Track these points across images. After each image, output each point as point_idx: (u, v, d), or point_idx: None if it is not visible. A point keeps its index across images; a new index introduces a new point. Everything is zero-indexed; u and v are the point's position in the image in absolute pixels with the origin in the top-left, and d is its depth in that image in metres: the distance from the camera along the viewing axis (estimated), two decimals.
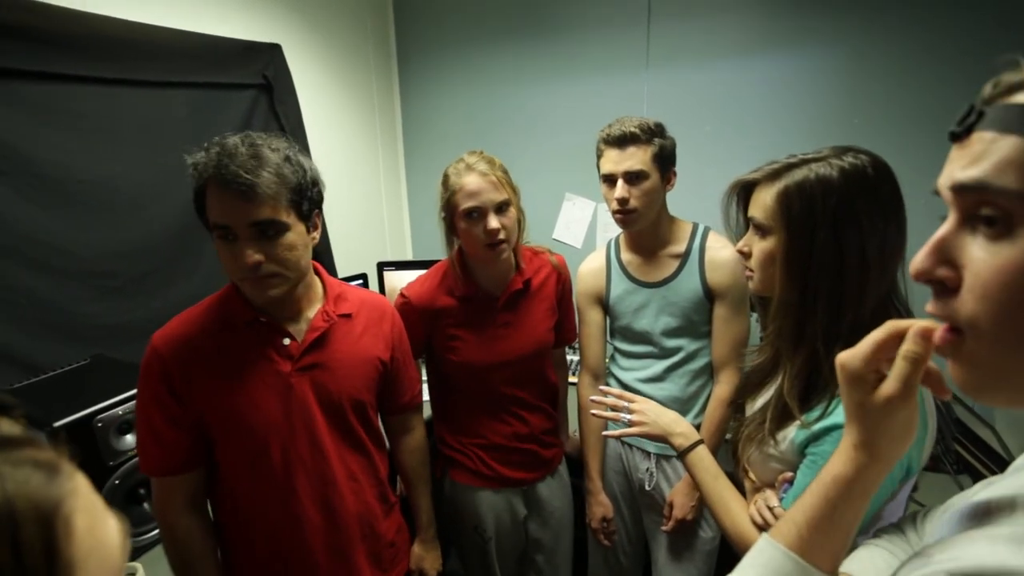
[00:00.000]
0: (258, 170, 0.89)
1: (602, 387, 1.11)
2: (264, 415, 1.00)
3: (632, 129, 1.26)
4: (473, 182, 1.21)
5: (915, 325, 0.48)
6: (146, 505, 1.29)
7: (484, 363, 1.33)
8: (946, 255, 0.40)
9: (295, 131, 2.06)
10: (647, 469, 1.44)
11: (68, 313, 1.45)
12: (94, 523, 0.33)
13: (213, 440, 1.01)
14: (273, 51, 1.98)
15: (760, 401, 0.95)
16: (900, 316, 0.81)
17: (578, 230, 2.38)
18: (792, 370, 0.82)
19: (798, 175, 0.78)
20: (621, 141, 1.27)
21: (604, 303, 1.48)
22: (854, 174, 0.76)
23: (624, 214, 1.30)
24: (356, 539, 1.10)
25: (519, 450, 1.40)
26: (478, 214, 1.21)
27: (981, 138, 0.37)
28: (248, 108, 1.91)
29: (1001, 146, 0.36)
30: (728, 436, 1.05)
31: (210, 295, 1.05)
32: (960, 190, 0.38)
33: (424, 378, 1.45)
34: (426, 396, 1.43)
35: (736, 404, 1.02)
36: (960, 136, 0.39)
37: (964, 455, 1.43)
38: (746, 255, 0.89)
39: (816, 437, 0.78)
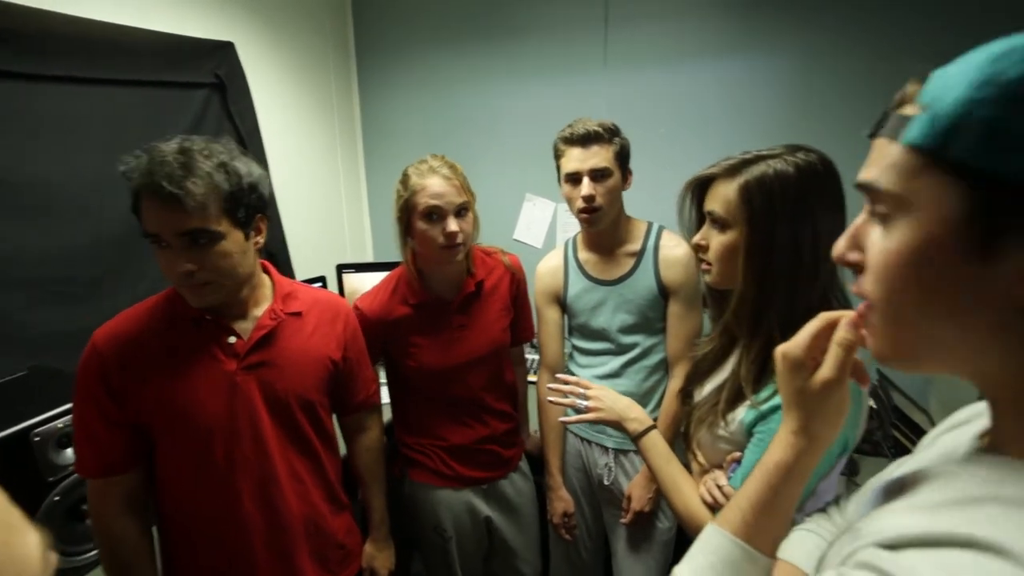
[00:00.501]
0: (185, 180, 0.87)
1: (559, 375, 1.13)
2: (208, 414, 0.99)
3: (595, 128, 1.29)
4: (437, 184, 1.22)
5: (846, 315, 0.53)
6: (89, 521, 1.24)
7: (442, 367, 1.34)
8: (858, 242, 0.47)
9: (250, 132, 2.01)
10: (605, 464, 1.46)
11: (4, 322, 1.38)
12: (9, 537, 0.32)
13: (154, 439, 0.99)
14: (226, 50, 1.93)
15: (708, 387, 0.99)
16: (840, 305, 0.85)
17: (538, 230, 2.40)
18: (749, 355, 0.86)
19: (756, 170, 0.82)
20: (585, 140, 1.30)
21: (562, 302, 1.51)
22: (807, 170, 0.80)
23: (590, 212, 1.32)
24: (300, 539, 1.09)
25: (480, 451, 1.41)
26: (438, 215, 1.23)
27: (880, 143, 0.43)
28: (200, 108, 1.86)
29: (889, 151, 0.41)
30: (681, 429, 1.08)
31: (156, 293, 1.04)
32: (859, 188, 0.44)
33: (383, 380, 1.44)
34: (386, 399, 1.42)
35: (685, 391, 1.05)
36: (871, 138, 0.45)
37: (901, 440, 1.51)
38: (703, 248, 0.92)
39: (763, 416, 0.82)
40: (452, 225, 1.22)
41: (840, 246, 0.48)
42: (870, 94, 1.80)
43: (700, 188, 0.93)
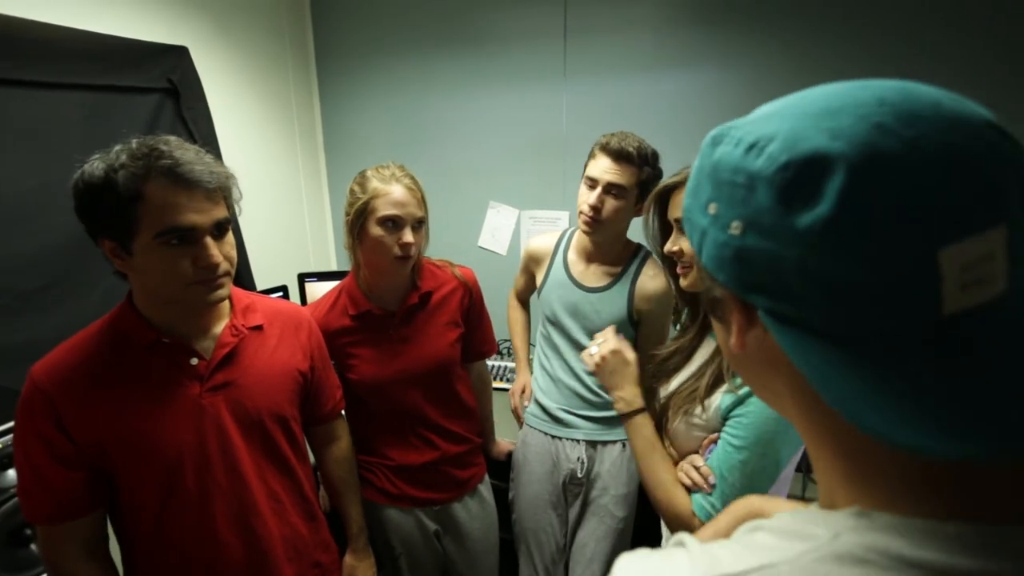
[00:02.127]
0: (211, 168, 0.86)
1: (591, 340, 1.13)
2: (175, 443, 0.92)
3: (631, 149, 1.30)
4: (399, 192, 1.21)
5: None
6: (33, 547, 1.17)
7: (380, 379, 1.31)
8: None
9: (206, 138, 1.96)
10: (578, 458, 1.47)
11: None
12: None
13: (114, 475, 0.91)
14: (179, 53, 1.88)
15: (675, 383, 1.01)
16: None
17: (503, 237, 2.41)
18: None
19: None
20: (618, 155, 1.30)
21: (537, 284, 1.57)
22: None
23: (592, 219, 1.33)
24: (282, 563, 1.05)
25: (429, 471, 1.38)
26: (397, 224, 1.21)
27: None
28: (151, 113, 1.80)
29: None
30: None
31: (94, 321, 0.96)
32: None
33: None
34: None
35: (648, 388, 1.08)
36: None
37: None
38: (678, 254, 0.95)
39: (741, 400, 0.86)
40: (408, 236, 1.21)
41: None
42: None
43: (662, 199, 0.97)
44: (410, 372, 1.32)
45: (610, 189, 1.31)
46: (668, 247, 0.97)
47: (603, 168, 1.32)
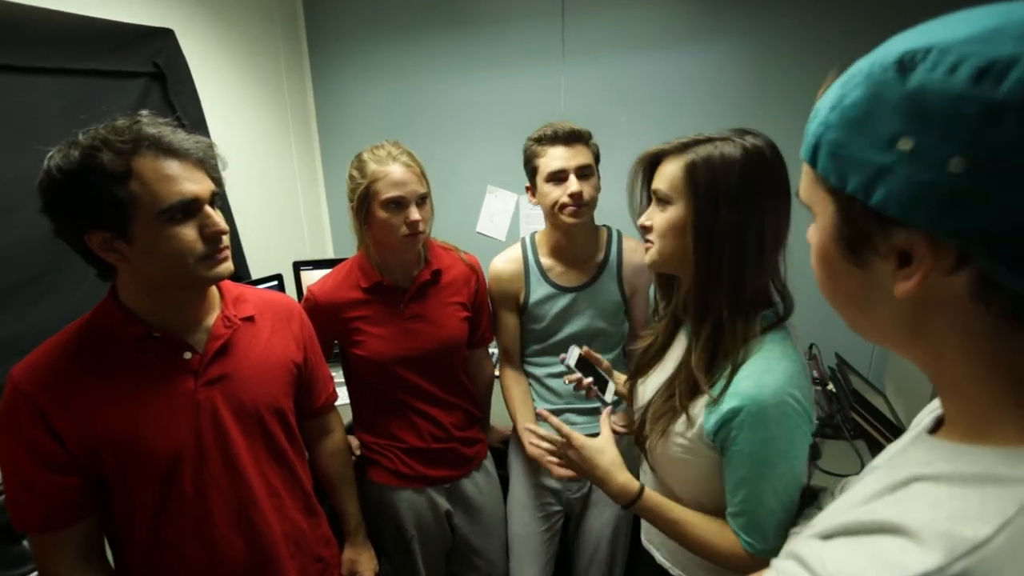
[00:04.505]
0: (192, 136, 0.85)
1: (533, 428, 1.09)
2: (170, 440, 0.88)
3: (576, 128, 1.30)
4: (398, 171, 1.19)
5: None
6: (26, 543, 1.15)
7: (391, 356, 1.29)
8: None
9: (196, 124, 1.90)
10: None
11: None
12: None
13: (106, 477, 0.87)
14: (165, 36, 1.82)
15: (652, 380, 0.97)
16: (779, 297, 0.86)
17: (501, 222, 2.37)
18: (699, 343, 0.84)
19: (703, 150, 0.81)
20: (568, 139, 1.30)
21: (521, 307, 1.46)
22: (754, 154, 0.80)
23: (579, 207, 1.30)
24: (284, 559, 1.02)
25: (440, 450, 1.38)
26: (401, 204, 1.20)
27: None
28: (137, 99, 1.74)
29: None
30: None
31: (79, 316, 0.91)
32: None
33: (341, 380, 1.39)
34: (345, 399, 1.37)
35: (631, 384, 1.04)
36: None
37: (860, 422, 1.55)
38: (647, 229, 0.90)
39: (725, 423, 0.78)
40: (415, 214, 1.20)
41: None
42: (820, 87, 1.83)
43: (650, 168, 0.91)
44: (421, 350, 1.31)
45: (581, 172, 1.29)
46: (641, 220, 0.92)
47: (563, 156, 1.29)
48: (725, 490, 0.84)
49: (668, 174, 0.85)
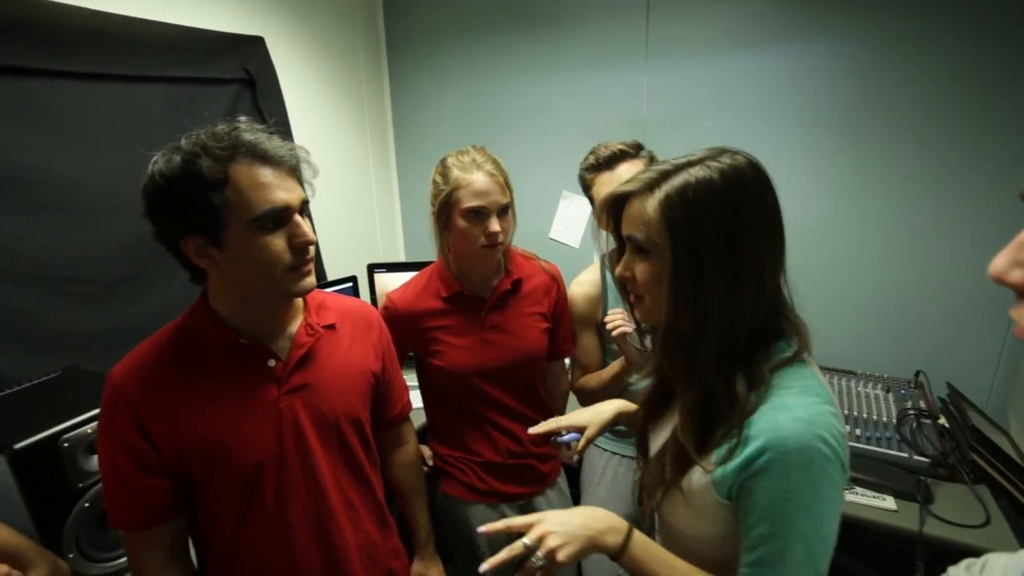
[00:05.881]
0: (287, 143, 0.85)
1: (487, 528, 0.89)
2: (254, 447, 0.89)
3: (619, 147, 1.27)
4: (481, 181, 1.16)
5: None
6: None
7: (471, 367, 1.26)
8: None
9: (281, 128, 1.97)
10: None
11: (37, 322, 1.36)
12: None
13: (195, 481, 0.89)
14: (256, 44, 1.89)
15: (662, 429, 0.85)
16: (793, 326, 0.73)
17: (575, 229, 2.31)
18: (685, 405, 0.73)
19: (677, 181, 0.69)
20: (611, 161, 1.27)
21: (600, 327, 1.41)
22: (733, 176, 0.68)
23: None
24: (358, 571, 1.01)
25: (515, 466, 1.34)
26: (482, 214, 1.17)
27: None
28: (230, 104, 1.83)
29: None
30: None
31: (167, 324, 0.93)
32: None
33: (414, 384, 1.38)
34: (418, 403, 1.36)
35: (639, 434, 0.92)
36: None
37: (981, 463, 1.37)
38: (629, 280, 0.78)
39: (739, 471, 0.66)
40: (495, 225, 1.17)
41: (1000, 263, 0.38)
42: (935, 89, 1.64)
43: (617, 210, 0.78)
44: (500, 362, 1.28)
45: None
46: (619, 270, 0.79)
47: (611, 182, 1.24)
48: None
49: (640, 217, 0.72)
